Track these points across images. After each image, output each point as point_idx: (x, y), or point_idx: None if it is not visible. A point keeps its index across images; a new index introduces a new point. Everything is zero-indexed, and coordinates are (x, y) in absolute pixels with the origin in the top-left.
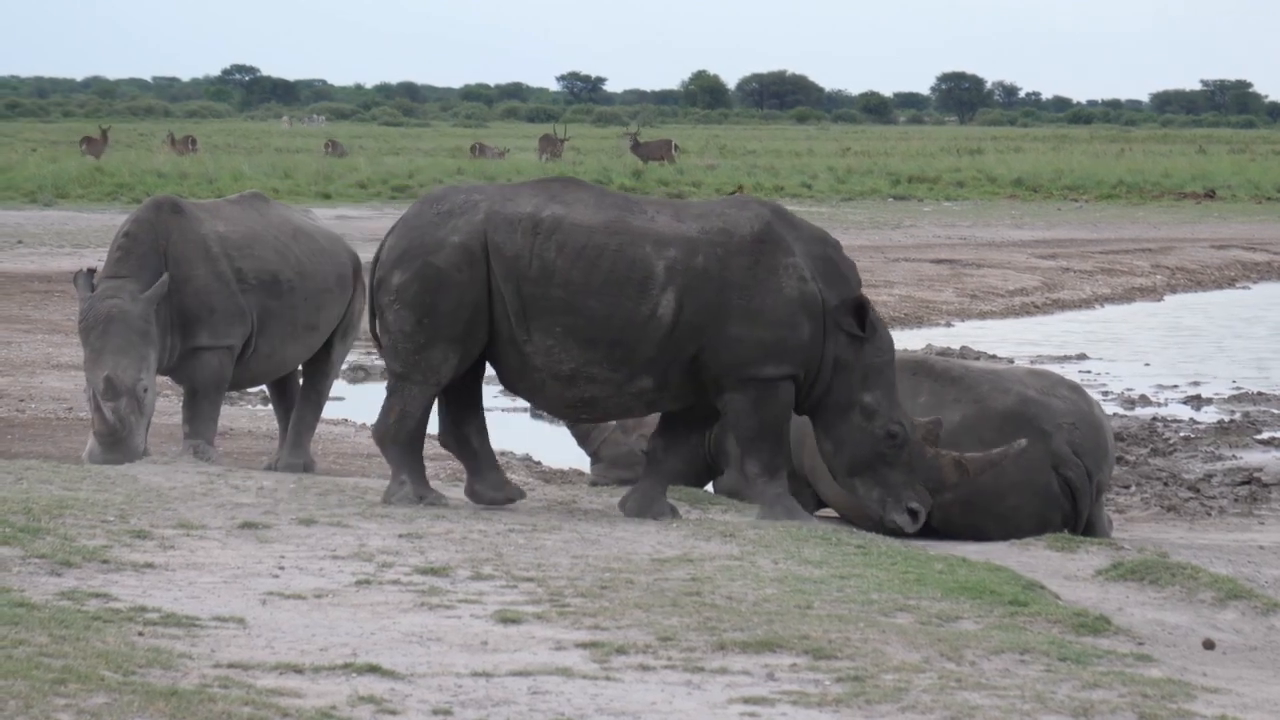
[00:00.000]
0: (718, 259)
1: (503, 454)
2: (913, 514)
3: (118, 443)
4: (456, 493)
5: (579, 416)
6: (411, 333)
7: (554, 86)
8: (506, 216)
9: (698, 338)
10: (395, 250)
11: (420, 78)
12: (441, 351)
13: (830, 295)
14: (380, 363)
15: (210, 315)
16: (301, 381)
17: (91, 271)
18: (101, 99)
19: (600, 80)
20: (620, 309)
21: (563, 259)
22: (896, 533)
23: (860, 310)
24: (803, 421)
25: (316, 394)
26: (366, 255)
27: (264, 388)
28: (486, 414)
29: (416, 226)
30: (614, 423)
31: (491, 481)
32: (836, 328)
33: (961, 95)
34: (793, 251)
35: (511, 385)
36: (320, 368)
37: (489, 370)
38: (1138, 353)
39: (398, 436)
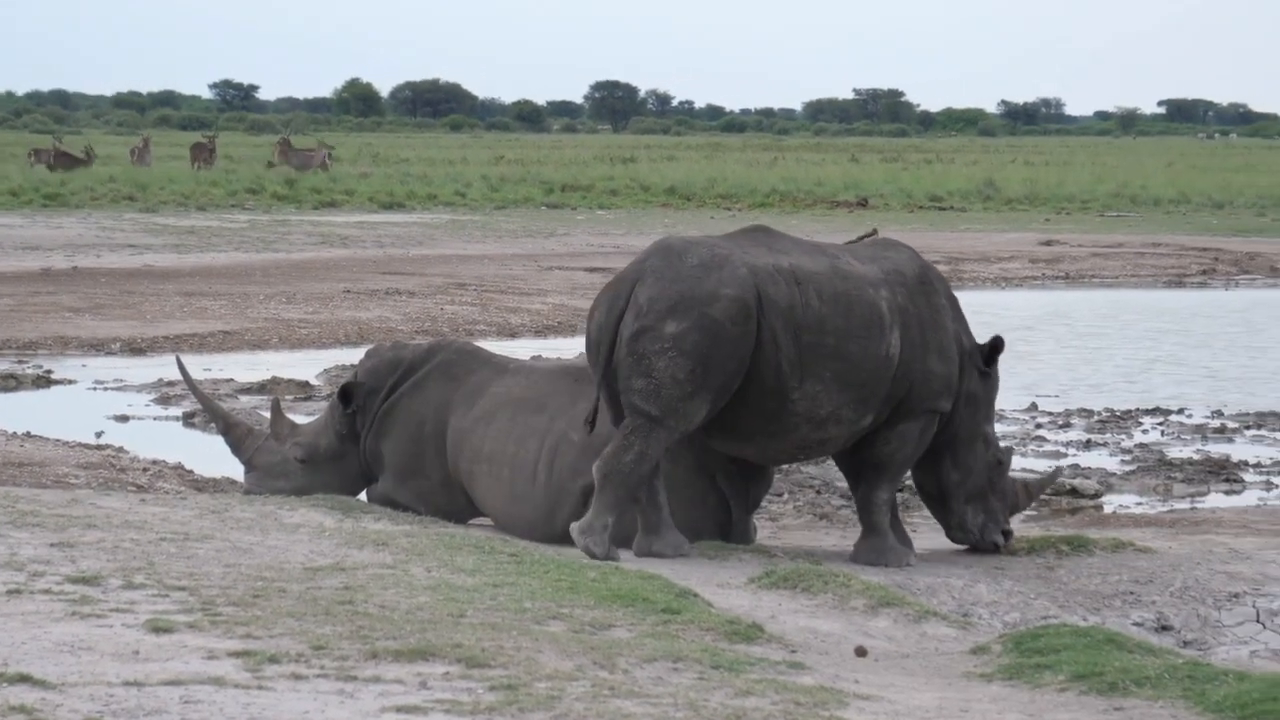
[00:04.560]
0: (907, 297)
1: (155, 462)
2: (1006, 535)
3: None
4: (110, 501)
5: (800, 457)
6: (683, 380)
7: (207, 94)
8: (764, 269)
9: (910, 373)
10: (663, 301)
11: (72, 85)
12: (701, 402)
13: (960, 333)
14: (32, 371)
15: None
16: None
17: None
18: None
19: (253, 88)
20: (870, 350)
21: (824, 306)
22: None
23: (997, 349)
24: (463, 427)
25: None
26: (19, 264)
27: None
28: (135, 421)
29: (679, 279)
30: (268, 430)
31: (671, 540)
32: (970, 364)
33: (615, 104)
34: (940, 292)
35: (745, 428)
36: None
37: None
38: None
39: (630, 475)
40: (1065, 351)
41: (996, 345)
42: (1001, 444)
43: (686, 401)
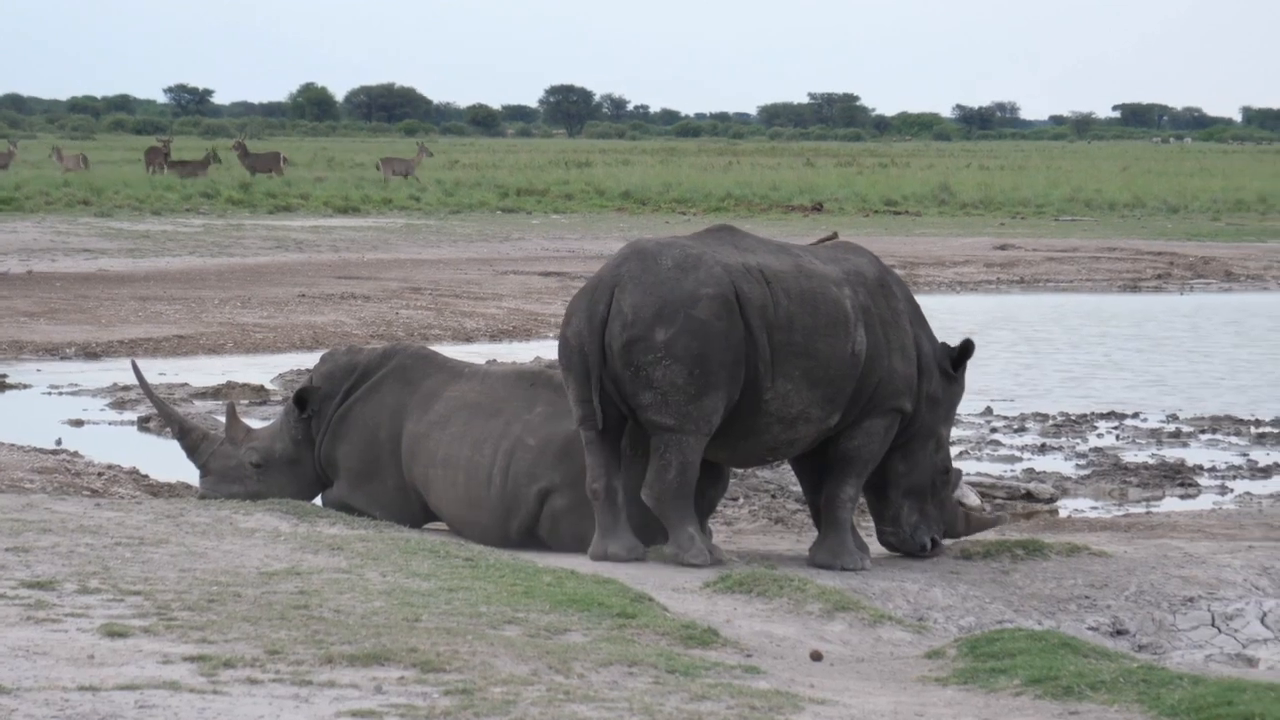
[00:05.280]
0: (868, 297)
1: (110, 466)
2: (934, 543)
3: None
4: (65, 506)
5: (769, 459)
6: (684, 385)
7: (161, 98)
8: (736, 267)
9: (876, 372)
10: (647, 308)
11: (26, 89)
12: (713, 400)
13: (921, 337)
14: None
15: None
16: None
17: None
18: None
19: (208, 92)
20: (837, 348)
21: (793, 304)
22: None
23: (966, 354)
24: (418, 432)
25: None
26: None
27: None
28: (90, 426)
29: (659, 283)
30: (224, 435)
31: (626, 543)
32: (933, 367)
33: (570, 108)
34: (898, 295)
35: (719, 430)
36: None
37: None
38: None
39: (681, 490)
40: (1018, 355)
41: (966, 349)
42: (956, 449)
43: (696, 404)
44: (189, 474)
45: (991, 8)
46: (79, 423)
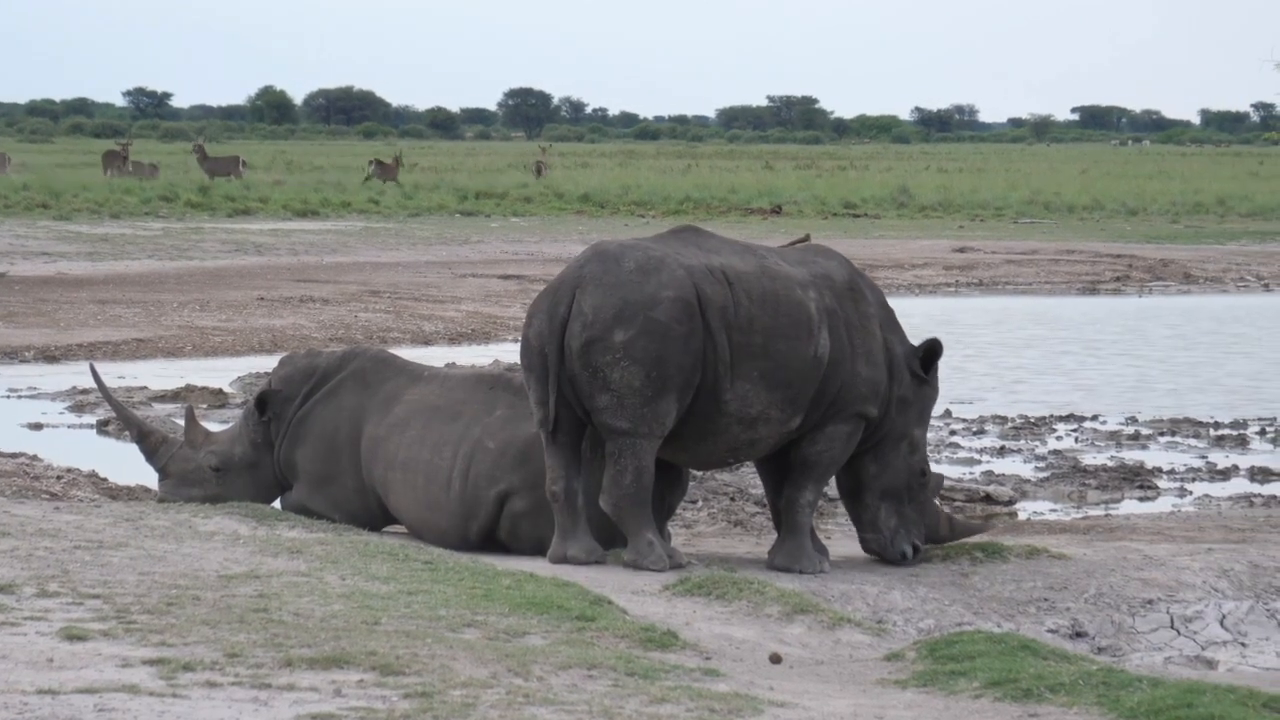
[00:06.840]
0: (835, 300)
1: (69, 470)
2: (915, 549)
3: None
4: (24, 509)
5: (730, 460)
6: (640, 387)
7: (120, 102)
8: (698, 269)
9: (839, 375)
10: (607, 309)
11: None
12: (668, 402)
13: (892, 340)
14: None
15: None
16: None
17: None
18: None
19: (167, 95)
20: (798, 350)
21: (754, 305)
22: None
23: (933, 354)
24: (377, 435)
25: None
26: None
27: None
28: (49, 429)
29: (620, 284)
30: (183, 438)
31: (585, 546)
32: (903, 370)
33: (529, 111)
34: (869, 299)
35: (676, 431)
36: None
37: None
38: None
39: (638, 495)
40: (968, 360)
41: (932, 349)
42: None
43: (651, 406)
44: (148, 477)
45: (950, 11)
46: (38, 426)
